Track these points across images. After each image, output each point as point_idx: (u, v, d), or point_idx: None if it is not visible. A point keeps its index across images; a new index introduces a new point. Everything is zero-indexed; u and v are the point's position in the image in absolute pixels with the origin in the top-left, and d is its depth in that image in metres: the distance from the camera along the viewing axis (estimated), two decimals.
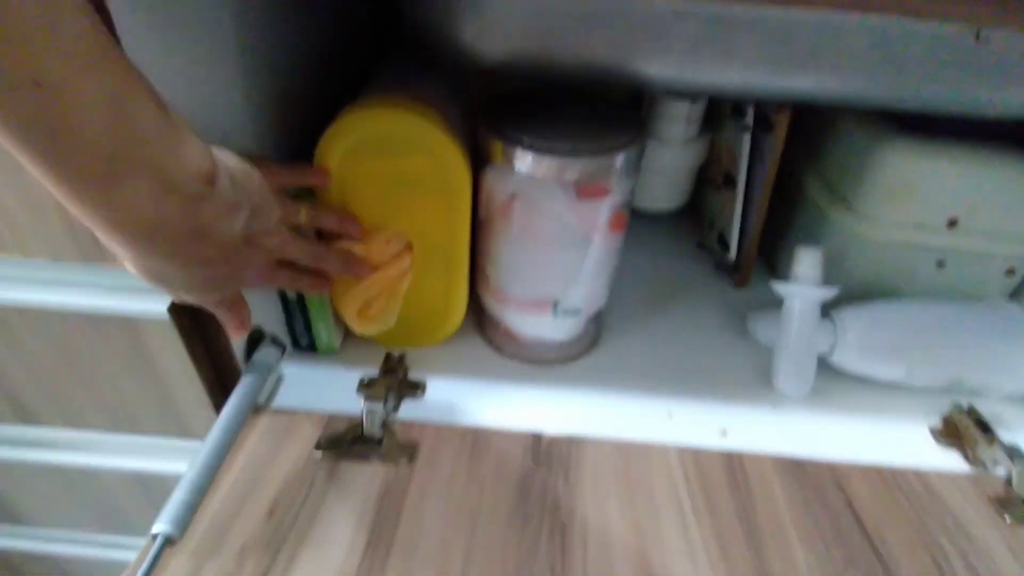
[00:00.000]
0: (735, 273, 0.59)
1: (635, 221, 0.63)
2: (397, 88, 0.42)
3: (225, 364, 0.40)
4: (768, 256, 0.61)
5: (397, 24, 0.39)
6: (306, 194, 0.41)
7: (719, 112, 0.57)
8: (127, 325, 0.36)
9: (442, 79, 0.45)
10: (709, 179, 0.61)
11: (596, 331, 0.53)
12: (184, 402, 0.41)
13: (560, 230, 0.41)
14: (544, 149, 0.38)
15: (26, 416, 0.45)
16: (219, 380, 0.41)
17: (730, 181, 0.55)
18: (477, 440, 0.41)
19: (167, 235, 0.25)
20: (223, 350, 0.40)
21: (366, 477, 0.38)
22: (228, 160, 0.28)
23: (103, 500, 0.50)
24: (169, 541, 0.31)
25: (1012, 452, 0.41)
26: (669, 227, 0.67)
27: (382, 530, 0.35)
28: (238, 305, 0.34)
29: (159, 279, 0.28)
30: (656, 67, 0.36)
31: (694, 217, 0.67)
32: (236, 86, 0.37)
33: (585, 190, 0.40)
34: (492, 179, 0.41)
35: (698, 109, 0.55)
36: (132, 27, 0.28)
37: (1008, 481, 0.40)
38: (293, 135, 0.45)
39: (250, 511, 0.36)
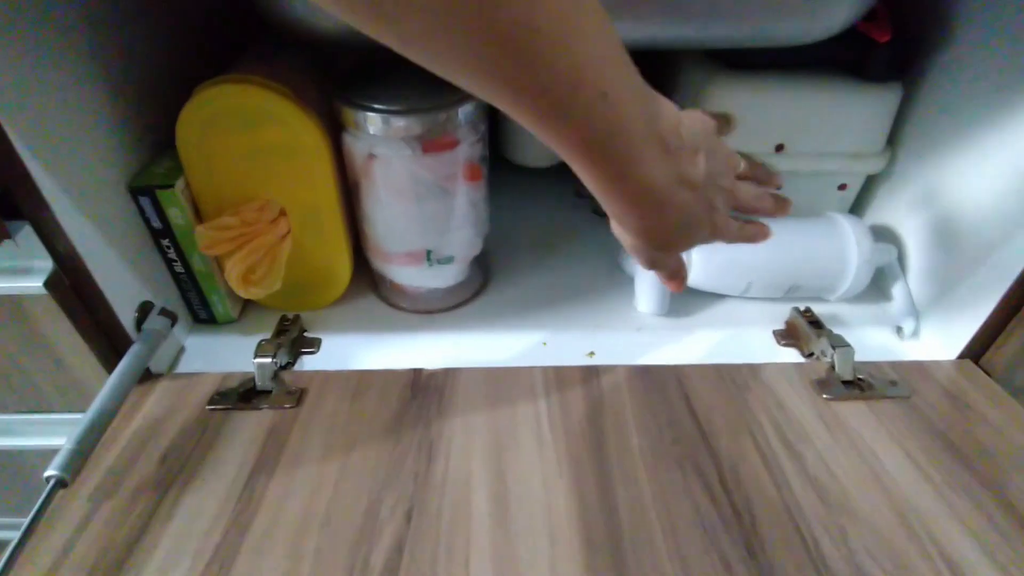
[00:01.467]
0: None
1: (521, 176, 0.68)
2: (255, 65, 0.45)
3: (116, 335, 0.43)
4: None
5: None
6: (177, 167, 0.44)
7: None
8: (13, 305, 0.39)
9: (301, 56, 0.48)
10: None
11: (483, 278, 0.57)
12: (84, 376, 0.44)
13: (416, 184, 0.45)
14: (385, 111, 0.42)
15: None
16: (114, 350, 0.44)
17: None
18: (362, 381, 0.46)
19: (666, 193, 0.26)
20: (113, 324, 0.43)
21: (254, 422, 0.42)
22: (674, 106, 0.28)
23: (29, 483, 0.53)
24: (61, 484, 0.34)
25: (835, 341, 0.47)
26: (552, 180, 0.71)
27: (264, 463, 0.39)
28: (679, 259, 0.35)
29: (660, 239, 0.29)
30: None
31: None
32: (94, 83, 0.40)
33: (430, 144, 0.44)
34: (349, 144, 0.45)
35: None
36: None
37: (832, 367, 0.46)
38: (161, 124, 0.48)
39: (144, 460, 0.39)
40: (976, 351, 0.46)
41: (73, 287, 0.40)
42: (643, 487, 0.37)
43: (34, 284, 0.38)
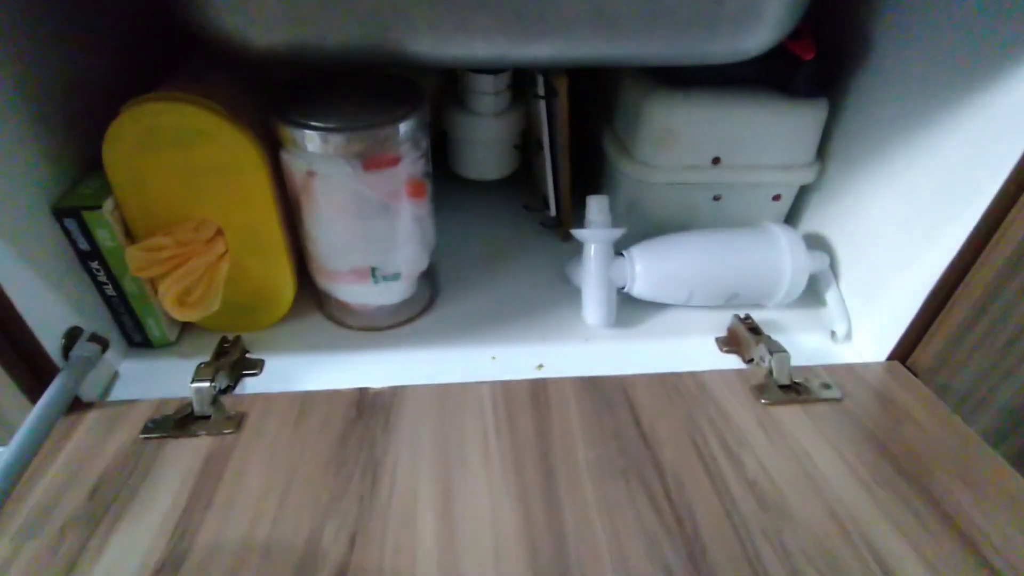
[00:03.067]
0: (559, 228, 0.64)
1: (468, 189, 0.68)
2: (186, 82, 0.44)
3: (42, 365, 0.41)
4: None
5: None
6: (104, 187, 0.43)
7: (528, 84, 0.62)
8: None
9: (234, 72, 0.47)
10: (528, 146, 0.66)
11: (431, 293, 0.57)
12: (6, 410, 0.42)
13: (358, 201, 0.45)
14: (324, 128, 0.41)
15: None
16: (39, 381, 0.42)
17: (541, 146, 0.60)
18: (305, 403, 0.45)
19: None
20: (37, 352, 0.41)
21: (191, 450, 0.41)
22: None
23: None
24: None
25: (772, 346, 0.48)
26: (501, 193, 0.72)
27: (201, 493, 0.38)
28: None
29: None
30: (409, 46, 0.40)
31: (525, 182, 0.72)
32: (14, 106, 0.39)
33: (372, 161, 0.43)
34: (287, 161, 0.44)
35: (502, 82, 0.60)
36: None
37: (770, 372, 0.47)
38: (87, 143, 0.46)
39: (72, 495, 0.37)
40: (903, 352, 0.49)
41: None
42: (588, 500, 0.37)
43: None
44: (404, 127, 0.43)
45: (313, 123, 0.41)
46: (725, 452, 0.41)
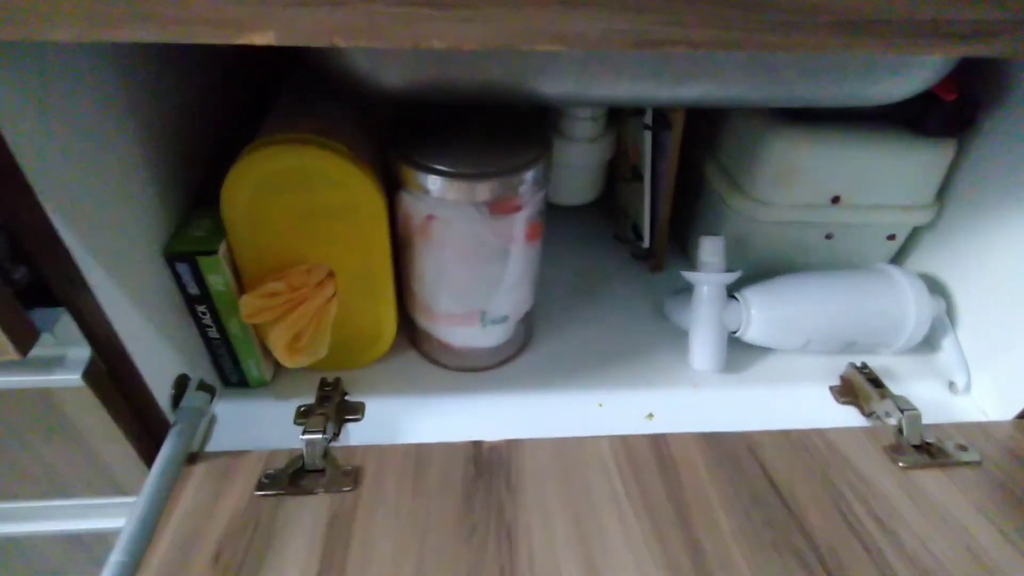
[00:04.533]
0: (650, 259, 0.62)
1: (553, 215, 0.65)
2: (300, 116, 0.42)
3: (151, 415, 0.39)
4: (680, 239, 0.65)
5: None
6: (215, 229, 0.41)
7: (623, 109, 0.60)
8: (39, 396, 0.35)
9: (348, 105, 0.45)
10: (618, 173, 0.64)
11: (527, 331, 0.55)
12: (113, 460, 0.40)
13: (478, 246, 0.43)
14: (453, 174, 0.39)
15: None
16: (148, 432, 0.40)
17: (638, 175, 0.58)
18: (420, 456, 0.43)
19: None
20: (146, 403, 0.39)
21: (311, 509, 0.39)
22: None
23: (39, 567, 0.48)
24: None
25: (901, 403, 0.46)
26: (586, 218, 0.70)
27: (332, 558, 0.36)
28: None
29: None
30: (551, 87, 0.38)
31: (608, 207, 0.69)
32: (128, 144, 0.36)
33: (497, 207, 0.41)
34: (407, 203, 0.42)
35: (601, 108, 0.57)
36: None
37: (899, 430, 0.45)
38: (195, 177, 0.44)
39: (195, 560, 0.36)
40: None
41: (111, 373, 0.36)
42: (743, 571, 0.35)
43: (70, 377, 0.34)
44: (530, 175, 0.41)
45: (440, 167, 0.39)
46: (876, 523, 0.39)
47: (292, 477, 0.41)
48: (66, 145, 0.31)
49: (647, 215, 0.58)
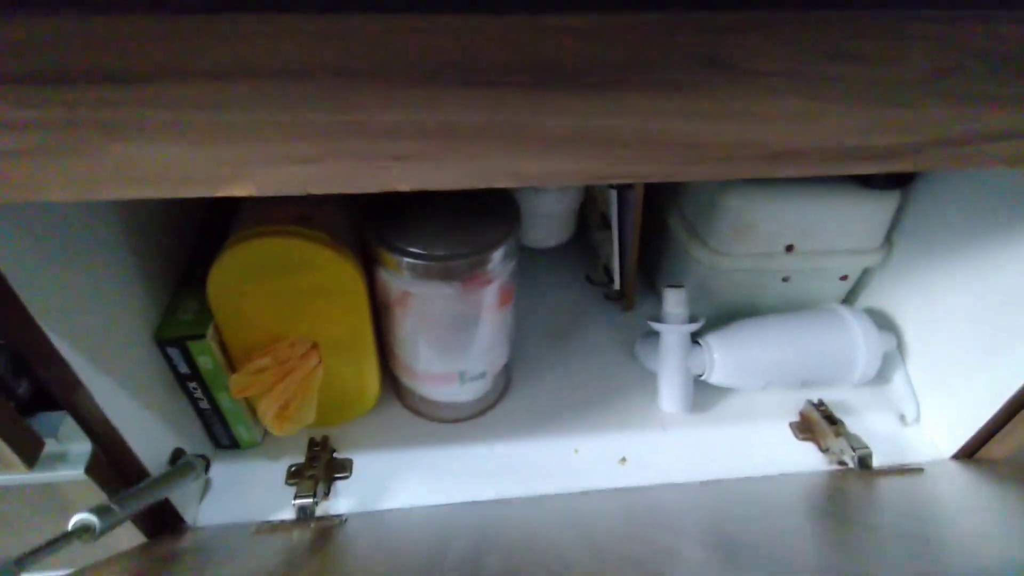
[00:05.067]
0: (622, 299, 0.65)
1: (526, 258, 0.68)
2: (280, 207, 0.44)
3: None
4: (649, 276, 0.68)
5: None
6: (202, 310, 0.43)
7: None
8: (47, 490, 0.37)
9: None
10: (589, 219, 0.67)
11: (506, 378, 0.57)
12: (119, 544, 0.42)
13: (454, 317, 0.45)
14: (427, 256, 0.41)
15: None
16: (149, 511, 0.42)
17: (607, 223, 0.60)
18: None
19: None
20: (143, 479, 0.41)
21: None
22: None
23: None
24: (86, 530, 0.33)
25: (854, 442, 0.49)
26: (560, 260, 0.72)
27: None
28: None
29: None
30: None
31: (580, 248, 0.72)
32: (117, 239, 0.38)
33: (470, 282, 0.43)
34: (385, 279, 0.44)
35: None
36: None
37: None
38: (181, 256, 0.46)
39: None
40: (976, 446, 0.50)
41: (111, 462, 0.38)
42: None
43: (74, 472, 0.36)
44: (505, 248, 0.43)
45: (413, 249, 0.41)
46: None
47: None
48: (58, 258, 0.33)
49: (616, 261, 0.61)
